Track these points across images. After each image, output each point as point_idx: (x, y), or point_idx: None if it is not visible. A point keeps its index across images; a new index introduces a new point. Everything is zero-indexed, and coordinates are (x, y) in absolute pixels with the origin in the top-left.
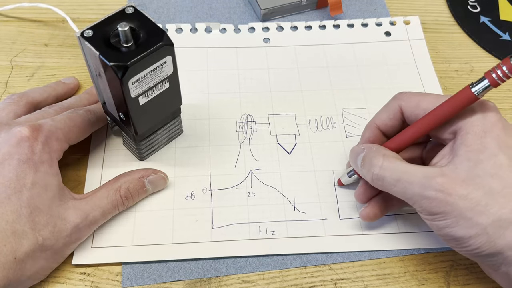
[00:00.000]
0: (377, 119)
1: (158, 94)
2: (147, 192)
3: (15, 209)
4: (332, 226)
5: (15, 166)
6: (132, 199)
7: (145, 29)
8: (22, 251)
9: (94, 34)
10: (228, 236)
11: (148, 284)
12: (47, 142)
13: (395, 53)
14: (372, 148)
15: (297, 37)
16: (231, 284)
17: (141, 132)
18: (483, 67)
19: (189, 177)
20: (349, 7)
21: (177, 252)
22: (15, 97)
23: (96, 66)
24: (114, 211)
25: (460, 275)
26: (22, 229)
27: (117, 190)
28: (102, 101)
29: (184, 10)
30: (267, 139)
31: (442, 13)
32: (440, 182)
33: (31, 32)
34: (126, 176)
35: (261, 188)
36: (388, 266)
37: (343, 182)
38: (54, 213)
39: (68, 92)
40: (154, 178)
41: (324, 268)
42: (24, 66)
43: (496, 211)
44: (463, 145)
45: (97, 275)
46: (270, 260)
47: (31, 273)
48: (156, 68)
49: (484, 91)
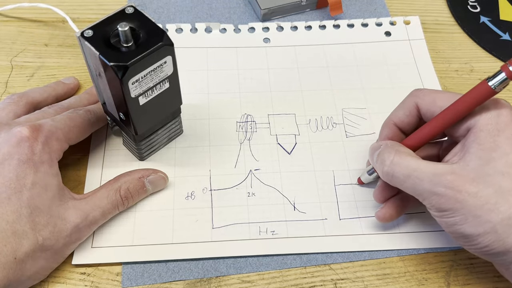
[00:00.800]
0: (393, 116)
1: (158, 94)
2: (147, 192)
3: (15, 209)
4: (332, 226)
5: (15, 166)
6: (132, 199)
7: (145, 29)
8: (22, 251)
9: (94, 34)
10: (228, 236)
11: (148, 284)
12: (47, 142)
13: (395, 53)
14: (387, 144)
15: (297, 37)
16: (231, 284)
17: (141, 132)
18: (483, 67)
19: (189, 177)
20: (349, 7)
21: (177, 252)
22: (15, 97)
23: (96, 66)
24: (114, 211)
25: (460, 275)
26: (22, 229)
27: (117, 190)
28: (102, 101)
29: (184, 10)
30: (267, 139)
31: (442, 13)
32: (450, 179)
33: (31, 32)
34: (126, 176)
35: (261, 188)
36: (388, 266)
37: (363, 181)
38: (54, 213)
39: (68, 92)
40: (154, 178)
41: (324, 268)
42: (24, 66)
43: (506, 209)
44: (475, 142)
45: (97, 275)
46: (270, 260)
47: (31, 273)
48: (156, 68)
49: (501, 84)
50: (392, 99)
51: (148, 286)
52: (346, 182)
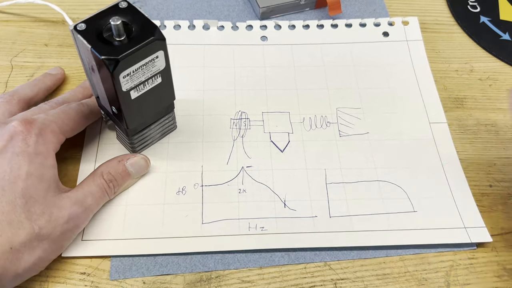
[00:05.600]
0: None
1: (150, 88)
2: (131, 175)
3: (10, 200)
4: (322, 223)
5: (9, 159)
6: (116, 182)
7: (138, 24)
8: (18, 241)
9: (87, 28)
10: (217, 232)
11: (136, 277)
12: (41, 134)
13: (392, 54)
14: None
15: (294, 36)
16: (231, 284)
17: (133, 127)
18: (483, 67)
19: (181, 172)
20: (348, 7)
21: (166, 247)
22: (7, 96)
23: (88, 59)
24: (104, 196)
25: (460, 275)
26: (18, 219)
27: (100, 175)
28: (96, 95)
29: (183, 7)
30: (260, 136)
31: (442, 13)
32: None
33: (31, 32)
34: (106, 163)
35: (252, 185)
36: (388, 266)
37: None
38: (50, 203)
39: (56, 83)
40: (134, 160)
41: (324, 268)
42: (24, 66)
43: None
44: None
45: (97, 275)
46: (258, 256)
47: (29, 264)
48: (147, 62)
49: None
50: (387, 100)
51: (145, 279)
52: (338, 180)
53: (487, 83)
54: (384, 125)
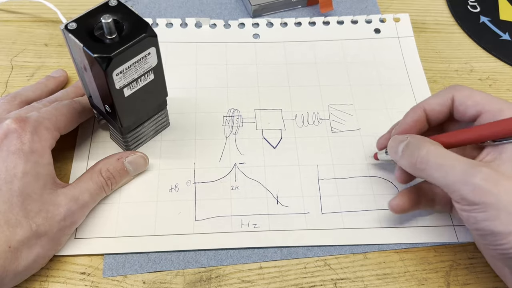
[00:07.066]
0: (426, 103)
1: (143, 85)
2: (129, 173)
3: (7, 199)
4: (314, 220)
5: (5, 158)
6: (114, 180)
7: (129, 21)
8: (17, 240)
9: (78, 27)
10: (210, 229)
11: (129, 274)
12: (36, 131)
13: (384, 50)
14: (417, 136)
15: (286, 33)
16: (231, 284)
17: (127, 124)
18: (483, 67)
19: (174, 170)
20: (340, 5)
21: (159, 244)
22: (9, 97)
23: (80, 58)
24: (101, 193)
25: (460, 275)
26: (15, 218)
27: (99, 172)
28: (88, 95)
29: (175, 5)
30: (253, 133)
31: (442, 13)
32: (486, 171)
33: (31, 32)
34: (105, 159)
35: (245, 182)
36: (388, 266)
37: (379, 158)
38: (46, 200)
39: (59, 85)
40: (133, 158)
41: (324, 268)
42: (24, 66)
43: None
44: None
45: (97, 275)
46: (251, 252)
47: (28, 262)
48: (140, 59)
49: None
50: (378, 96)
51: (145, 278)
52: (330, 176)
53: (487, 83)
54: (375, 121)
